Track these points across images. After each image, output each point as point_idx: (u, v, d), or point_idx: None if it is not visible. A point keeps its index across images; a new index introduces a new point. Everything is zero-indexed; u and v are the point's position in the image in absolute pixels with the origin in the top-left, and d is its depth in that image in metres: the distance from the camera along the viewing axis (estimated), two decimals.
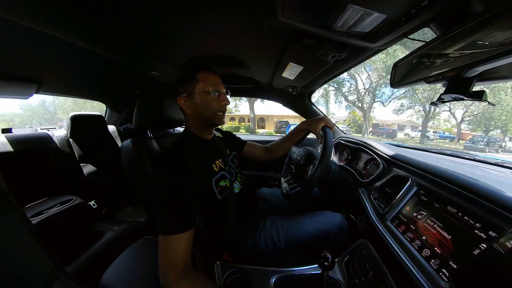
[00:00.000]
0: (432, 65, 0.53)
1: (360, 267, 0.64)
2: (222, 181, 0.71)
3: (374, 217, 0.67)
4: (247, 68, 1.01)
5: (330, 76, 1.10)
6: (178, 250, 0.52)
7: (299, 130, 0.96)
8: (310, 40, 0.64)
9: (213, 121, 0.72)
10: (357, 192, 0.83)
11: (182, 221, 0.54)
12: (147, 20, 0.59)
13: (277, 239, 0.75)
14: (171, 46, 0.76)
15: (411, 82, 0.62)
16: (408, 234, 0.55)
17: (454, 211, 0.48)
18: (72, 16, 0.56)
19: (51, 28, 0.61)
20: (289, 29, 0.61)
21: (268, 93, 1.52)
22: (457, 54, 0.45)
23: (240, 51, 0.83)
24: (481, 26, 0.37)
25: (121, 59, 0.87)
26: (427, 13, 0.42)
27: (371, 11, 0.45)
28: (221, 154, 0.78)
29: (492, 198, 0.42)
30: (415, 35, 0.53)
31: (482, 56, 0.40)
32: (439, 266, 0.44)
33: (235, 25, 0.62)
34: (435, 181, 0.56)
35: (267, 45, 0.75)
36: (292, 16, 0.52)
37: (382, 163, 0.82)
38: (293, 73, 0.95)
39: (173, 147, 0.70)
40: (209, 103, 0.69)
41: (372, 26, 0.52)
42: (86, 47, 0.73)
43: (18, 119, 18.75)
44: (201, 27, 0.64)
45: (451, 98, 0.52)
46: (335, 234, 0.78)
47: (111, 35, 0.67)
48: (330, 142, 0.70)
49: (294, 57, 0.79)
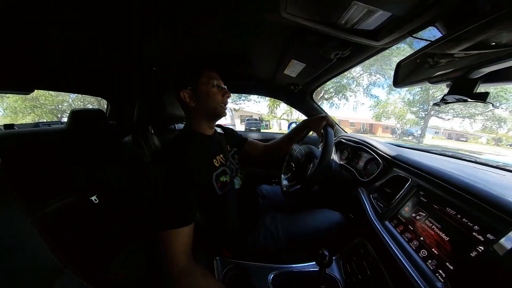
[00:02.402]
0: (436, 65, 0.52)
1: (357, 266, 0.65)
2: (222, 176, 0.71)
3: (373, 217, 0.67)
4: (249, 64, 1.00)
5: (333, 74, 1.08)
6: (179, 245, 0.52)
7: (301, 129, 0.96)
8: (313, 37, 0.63)
9: (217, 111, 0.73)
10: (357, 191, 0.83)
11: (183, 215, 0.55)
12: (148, 15, 0.58)
13: (276, 235, 0.76)
14: (173, 42, 0.75)
15: (414, 82, 0.61)
16: (406, 235, 0.55)
17: (453, 213, 0.48)
18: (73, 12, 0.55)
19: (52, 24, 0.61)
20: (292, 26, 0.60)
21: (270, 90, 1.51)
22: (463, 55, 0.45)
23: (242, 47, 0.82)
24: (488, 26, 0.36)
25: (122, 54, 0.87)
26: (433, 11, 0.41)
27: (376, 9, 0.44)
28: (222, 150, 0.78)
29: (491, 201, 0.42)
30: (420, 34, 0.52)
31: (488, 57, 0.39)
32: (436, 267, 0.44)
33: (237, 21, 0.61)
34: (435, 183, 0.56)
35: (269, 41, 0.74)
36: (295, 13, 0.51)
37: (382, 163, 0.82)
38: (295, 71, 0.94)
39: (173, 142, 0.70)
40: (213, 95, 0.70)
41: (377, 24, 0.51)
42: (87, 42, 0.72)
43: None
44: (203, 23, 0.63)
45: (455, 99, 0.51)
46: (334, 232, 0.79)
47: (112, 31, 0.67)
48: (331, 141, 0.70)
49: (297, 54, 0.78)
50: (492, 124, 11.45)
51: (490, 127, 11.79)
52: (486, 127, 11.77)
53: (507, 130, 13.15)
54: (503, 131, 12.85)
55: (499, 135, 13.27)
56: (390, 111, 12.23)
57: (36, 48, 0.80)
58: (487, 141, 14.56)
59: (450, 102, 0.52)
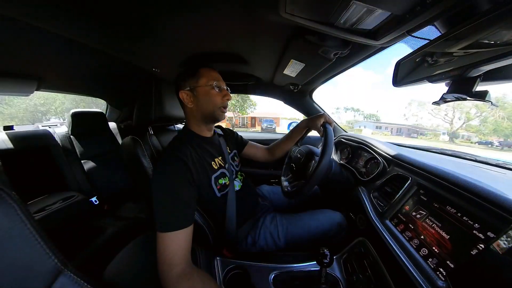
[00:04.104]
0: (435, 64, 0.52)
1: (358, 265, 0.65)
2: (221, 178, 0.71)
3: (373, 216, 0.67)
4: (248, 64, 1.00)
5: (332, 73, 1.09)
6: (177, 247, 0.51)
7: (300, 128, 0.96)
8: (312, 37, 0.63)
9: (214, 116, 0.72)
10: (357, 190, 0.83)
11: (180, 218, 0.54)
12: (149, 16, 0.58)
13: (276, 236, 0.76)
14: (173, 42, 0.75)
15: (414, 81, 0.61)
16: (406, 233, 0.55)
17: (453, 211, 0.48)
18: (72, 13, 0.55)
19: (52, 25, 0.60)
20: (291, 25, 0.60)
21: (269, 90, 1.51)
22: (462, 53, 0.45)
23: (242, 47, 0.82)
24: (487, 25, 0.36)
25: (122, 55, 0.87)
26: (432, 10, 0.41)
27: (375, 8, 0.44)
28: (221, 152, 0.78)
29: (491, 199, 0.42)
30: (419, 33, 0.52)
31: (486, 55, 0.40)
32: (437, 265, 0.44)
33: (237, 21, 0.61)
34: (435, 181, 0.56)
35: (268, 41, 0.74)
36: (294, 12, 0.51)
37: (382, 162, 0.82)
38: (294, 70, 0.94)
39: (172, 144, 0.70)
40: (212, 97, 0.69)
41: (376, 23, 0.51)
42: (86, 43, 0.72)
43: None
44: (203, 23, 0.63)
45: (454, 97, 0.51)
46: (335, 232, 0.79)
47: (112, 32, 0.66)
48: (331, 137, 0.70)
49: (296, 54, 0.78)
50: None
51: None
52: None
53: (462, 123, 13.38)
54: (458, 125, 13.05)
55: (455, 130, 13.34)
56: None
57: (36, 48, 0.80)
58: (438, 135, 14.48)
59: (450, 100, 0.52)
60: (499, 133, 30.42)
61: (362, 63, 0.88)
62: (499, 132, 30.03)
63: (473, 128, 30.28)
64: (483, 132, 30.22)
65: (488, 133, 31.06)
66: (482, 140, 28.14)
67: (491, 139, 28.78)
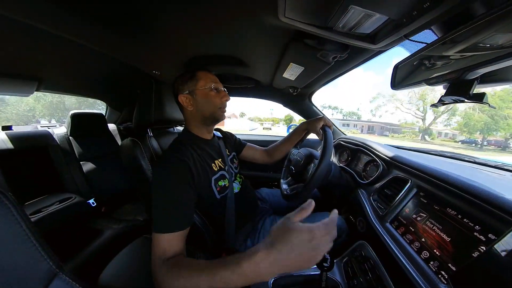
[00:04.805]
0: (433, 67, 0.53)
1: (359, 269, 0.64)
2: (221, 180, 0.71)
3: (373, 219, 0.67)
4: (248, 68, 1.01)
5: (331, 77, 1.10)
6: (170, 248, 0.50)
7: (299, 131, 0.96)
8: (311, 40, 0.64)
9: (215, 116, 0.72)
10: (357, 193, 0.83)
11: (178, 219, 0.54)
12: (149, 18, 0.59)
13: None
14: (173, 45, 0.76)
15: (412, 84, 0.62)
16: (407, 236, 0.55)
17: (453, 213, 0.48)
18: (73, 14, 0.56)
19: (52, 26, 0.61)
20: (290, 29, 0.61)
21: (269, 93, 1.52)
22: (458, 56, 0.45)
23: (241, 50, 0.83)
24: (483, 28, 0.37)
25: (122, 57, 0.87)
26: (429, 15, 0.42)
27: (373, 12, 0.45)
28: (221, 154, 0.78)
29: (491, 201, 0.42)
30: (417, 37, 0.53)
31: (483, 58, 0.40)
32: (438, 268, 0.44)
33: (236, 25, 0.62)
34: (435, 183, 0.56)
35: (268, 45, 0.75)
36: (294, 17, 0.52)
37: (382, 164, 0.82)
38: (293, 74, 0.95)
39: (172, 146, 0.70)
40: (211, 99, 0.70)
41: (373, 28, 0.52)
42: (87, 45, 0.73)
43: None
44: (203, 27, 0.64)
45: (452, 100, 0.52)
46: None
47: (112, 33, 0.67)
48: (330, 140, 0.71)
49: (295, 58, 0.79)
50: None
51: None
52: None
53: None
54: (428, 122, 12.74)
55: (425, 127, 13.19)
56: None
57: (37, 48, 0.81)
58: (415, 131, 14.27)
59: (448, 103, 0.53)
60: (471, 128, 27.45)
61: (362, 64, 0.89)
62: (470, 126, 27.28)
63: (445, 122, 27.66)
64: (454, 127, 27.71)
65: (459, 128, 28.10)
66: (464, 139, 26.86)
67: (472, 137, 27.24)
